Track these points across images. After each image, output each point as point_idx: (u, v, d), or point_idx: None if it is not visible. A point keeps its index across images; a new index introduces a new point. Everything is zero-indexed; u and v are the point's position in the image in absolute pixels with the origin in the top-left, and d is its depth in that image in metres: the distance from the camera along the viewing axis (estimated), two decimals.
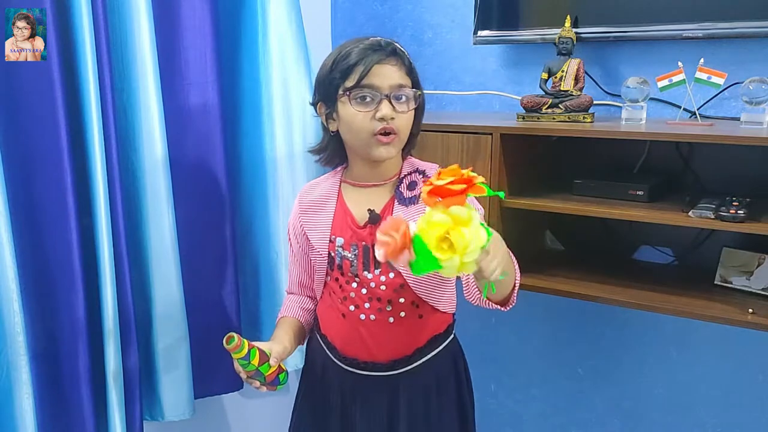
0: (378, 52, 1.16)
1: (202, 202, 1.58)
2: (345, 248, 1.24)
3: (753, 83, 1.33)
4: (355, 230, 1.24)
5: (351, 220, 1.25)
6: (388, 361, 1.25)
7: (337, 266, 1.25)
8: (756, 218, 1.23)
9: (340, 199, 1.27)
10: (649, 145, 1.56)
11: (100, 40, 1.32)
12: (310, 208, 1.29)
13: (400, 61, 1.18)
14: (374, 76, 1.15)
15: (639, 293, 1.41)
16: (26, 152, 1.28)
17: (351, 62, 1.16)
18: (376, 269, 1.23)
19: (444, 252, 0.83)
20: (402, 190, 1.25)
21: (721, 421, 1.69)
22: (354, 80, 1.15)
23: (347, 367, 1.27)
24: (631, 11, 1.55)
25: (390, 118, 1.16)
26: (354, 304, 1.24)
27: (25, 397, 1.29)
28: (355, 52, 1.16)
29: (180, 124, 1.53)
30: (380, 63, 1.15)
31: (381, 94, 1.15)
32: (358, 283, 1.23)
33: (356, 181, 1.27)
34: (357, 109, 1.16)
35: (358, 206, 1.25)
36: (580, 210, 1.39)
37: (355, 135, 1.19)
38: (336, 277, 1.26)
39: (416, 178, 1.26)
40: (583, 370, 1.86)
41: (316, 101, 1.25)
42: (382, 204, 1.24)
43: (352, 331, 1.25)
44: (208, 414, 1.74)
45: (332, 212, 1.27)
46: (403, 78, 1.18)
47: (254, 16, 1.62)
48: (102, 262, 1.36)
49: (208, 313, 1.63)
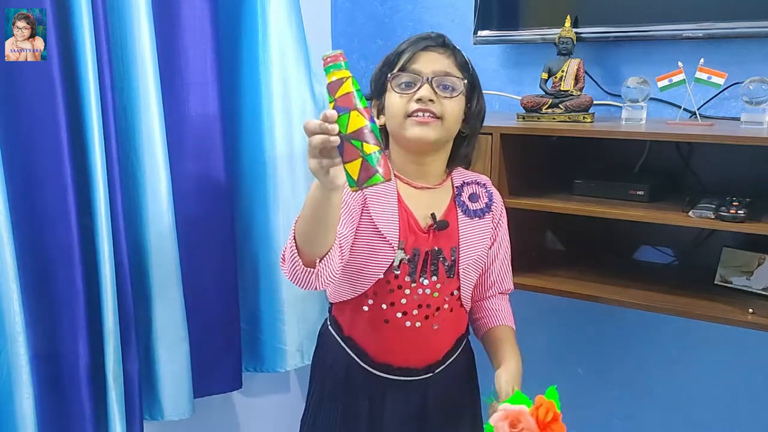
0: (425, 40, 1.16)
1: (202, 202, 1.58)
2: (407, 252, 1.18)
3: (753, 83, 1.33)
4: (418, 234, 1.19)
5: (414, 222, 1.19)
6: (423, 366, 1.24)
7: (393, 269, 1.17)
8: (756, 218, 1.23)
9: (399, 196, 1.19)
10: (649, 145, 1.56)
11: (100, 40, 1.32)
12: (375, 193, 1.16)
13: (449, 51, 1.17)
14: (417, 61, 1.14)
15: (639, 293, 1.41)
16: (26, 152, 1.28)
17: (399, 51, 1.16)
18: (433, 275, 1.19)
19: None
20: (465, 201, 1.22)
21: (721, 421, 1.69)
22: (398, 67, 1.15)
23: (378, 372, 1.24)
24: (631, 11, 1.55)
25: (428, 100, 1.12)
26: (402, 311, 1.19)
27: (25, 398, 1.29)
28: (405, 43, 1.17)
29: (180, 124, 1.53)
30: (426, 49, 1.15)
31: (422, 78, 1.13)
32: (411, 290, 1.19)
33: (406, 177, 1.20)
34: (397, 92, 1.14)
35: (417, 208, 1.20)
36: (580, 210, 1.39)
37: (392, 118, 1.16)
38: (388, 280, 1.18)
39: (477, 190, 1.24)
40: (583, 370, 1.86)
41: (371, 98, 1.22)
42: (441, 209, 1.21)
43: (391, 338, 1.21)
44: (208, 414, 1.74)
45: (397, 208, 1.18)
46: (451, 67, 1.15)
47: (254, 16, 1.62)
48: (102, 262, 1.36)
49: (208, 313, 1.62)
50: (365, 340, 1.24)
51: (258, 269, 1.74)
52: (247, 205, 1.72)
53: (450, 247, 1.20)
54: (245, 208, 1.72)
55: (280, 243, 1.71)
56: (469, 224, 1.22)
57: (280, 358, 1.77)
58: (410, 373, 1.24)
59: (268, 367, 1.79)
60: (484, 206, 1.24)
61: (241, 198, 1.71)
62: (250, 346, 1.77)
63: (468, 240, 1.22)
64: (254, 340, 1.77)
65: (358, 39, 1.98)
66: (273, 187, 1.68)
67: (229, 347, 1.68)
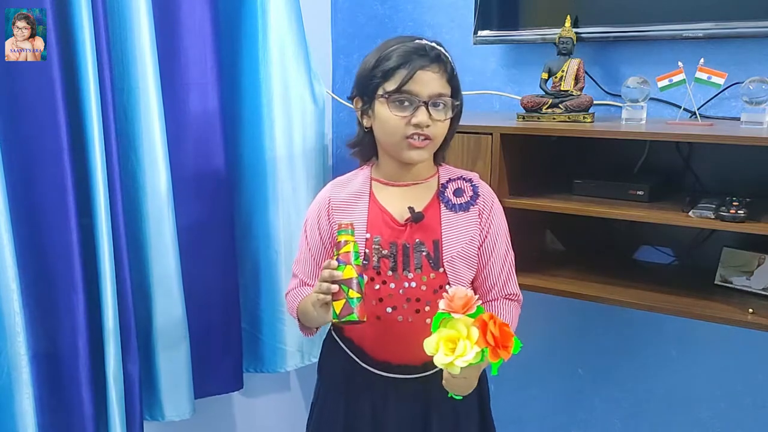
0: (423, 58, 1.15)
1: (202, 202, 1.58)
2: (383, 247, 1.21)
3: (753, 83, 1.33)
4: (394, 228, 1.22)
5: (389, 218, 1.23)
6: (421, 363, 1.24)
7: (373, 266, 1.21)
8: (756, 218, 1.23)
9: (372, 197, 1.25)
10: (649, 145, 1.56)
11: (100, 40, 1.32)
12: (342, 206, 1.25)
13: (442, 68, 1.17)
14: (415, 82, 1.14)
15: (639, 293, 1.41)
16: (26, 152, 1.29)
17: (393, 65, 1.15)
18: (416, 269, 1.22)
19: (447, 348, 1.05)
20: (449, 196, 1.24)
21: (721, 420, 1.69)
22: (395, 84, 1.14)
23: (378, 371, 1.25)
24: (631, 11, 1.55)
25: (425, 126, 1.15)
26: (391, 306, 1.22)
27: (26, 397, 1.29)
28: (398, 54, 1.15)
29: (180, 124, 1.53)
30: (423, 69, 1.14)
31: (419, 101, 1.15)
32: (396, 284, 1.21)
33: (388, 180, 1.25)
34: (394, 113, 1.16)
35: (394, 205, 1.24)
36: (580, 210, 1.39)
37: (388, 136, 1.19)
38: (371, 277, 1.21)
39: (462, 185, 1.26)
40: (583, 370, 1.86)
41: (353, 96, 1.23)
42: (422, 204, 1.24)
43: (386, 334, 1.23)
44: (208, 414, 1.74)
45: (366, 210, 1.24)
46: (444, 87, 1.17)
47: (254, 16, 1.62)
48: (102, 262, 1.36)
49: (208, 313, 1.63)
50: (363, 339, 1.27)
51: (258, 269, 1.74)
52: (248, 205, 1.72)
53: (432, 239, 1.23)
54: (245, 208, 1.72)
55: (281, 243, 1.71)
56: (452, 217, 1.24)
57: (280, 358, 1.77)
58: (409, 370, 1.25)
59: (268, 367, 1.79)
60: (469, 200, 1.26)
61: (242, 198, 1.72)
62: (250, 346, 1.77)
63: (450, 232, 1.24)
64: (255, 341, 1.78)
65: (358, 39, 1.98)
66: (273, 186, 1.69)
67: (229, 347, 1.68)
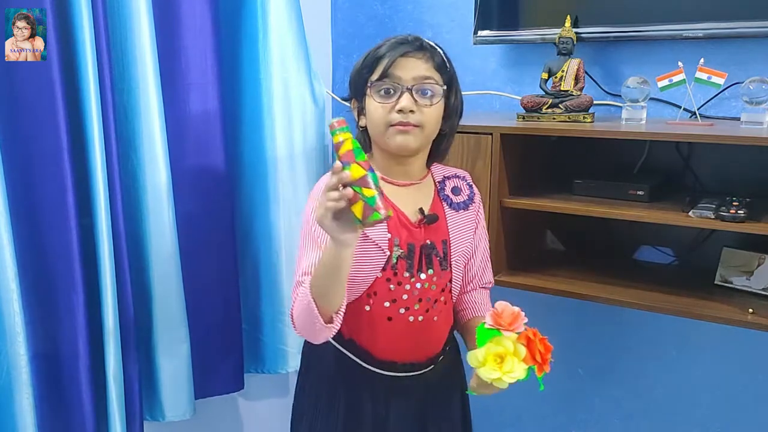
0: (404, 45, 1.15)
1: (203, 202, 1.58)
2: (401, 247, 1.20)
3: (753, 83, 1.33)
4: (410, 229, 1.21)
5: (405, 218, 1.21)
6: (425, 360, 1.25)
7: (392, 266, 1.19)
8: (756, 218, 1.23)
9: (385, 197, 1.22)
10: (649, 145, 1.56)
11: (100, 40, 1.32)
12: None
13: (428, 55, 1.16)
14: (397, 68, 1.14)
15: (639, 293, 1.41)
16: (26, 152, 1.29)
17: (378, 55, 1.16)
18: (429, 269, 1.22)
19: (494, 363, 1.06)
20: (449, 194, 1.25)
21: (722, 421, 1.69)
22: (378, 73, 1.15)
23: (382, 371, 1.24)
24: (631, 11, 1.55)
25: (409, 111, 1.13)
26: (404, 306, 1.21)
27: (25, 397, 1.29)
28: (383, 47, 1.16)
29: (180, 124, 1.53)
30: (405, 55, 1.14)
31: (403, 87, 1.13)
32: (411, 285, 1.21)
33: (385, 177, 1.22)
34: (378, 101, 1.15)
35: (404, 205, 1.22)
36: (580, 210, 1.39)
37: (375, 127, 1.17)
38: (387, 278, 1.19)
39: (458, 183, 1.27)
40: (583, 370, 1.86)
41: (350, 97, 1.23)
42: (426, 205, 1.23)
43: (395, 334, 1.22)
44: (208, 414, 1.74)
45: None
46: (430, 71, 1.16)
47: (254, 16, 1.62)
48: (102, 262, 1.36)
49: (208, 313, 1.62)
50: (368, 340, 1.24)
51: (259, 269, 1.74)
52: (248, 205, 1.72)
53: (441, 240, 1.23)
54: (246, 208, 1.72)
55: (282, 243, 1.71)
56: (455, 216, 1.25)
57: (281, 359, 1.77)
58: (414, 368, 1.25)
59: (269, 368, 1.79)
60: (467, 198, 1.27)
61: (242, 198, 1.71)
62: (251, 346, 1.77)
63: (457, 232, 1.25)
64: (255, 341, 1.77)
65: (358, 39, 1.98)
66: (274, 186, 1.69)
67: (230, 348, 1.68)
